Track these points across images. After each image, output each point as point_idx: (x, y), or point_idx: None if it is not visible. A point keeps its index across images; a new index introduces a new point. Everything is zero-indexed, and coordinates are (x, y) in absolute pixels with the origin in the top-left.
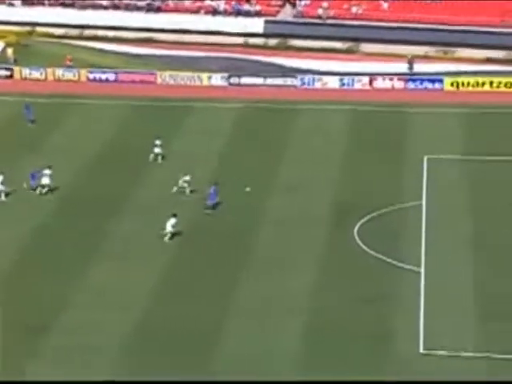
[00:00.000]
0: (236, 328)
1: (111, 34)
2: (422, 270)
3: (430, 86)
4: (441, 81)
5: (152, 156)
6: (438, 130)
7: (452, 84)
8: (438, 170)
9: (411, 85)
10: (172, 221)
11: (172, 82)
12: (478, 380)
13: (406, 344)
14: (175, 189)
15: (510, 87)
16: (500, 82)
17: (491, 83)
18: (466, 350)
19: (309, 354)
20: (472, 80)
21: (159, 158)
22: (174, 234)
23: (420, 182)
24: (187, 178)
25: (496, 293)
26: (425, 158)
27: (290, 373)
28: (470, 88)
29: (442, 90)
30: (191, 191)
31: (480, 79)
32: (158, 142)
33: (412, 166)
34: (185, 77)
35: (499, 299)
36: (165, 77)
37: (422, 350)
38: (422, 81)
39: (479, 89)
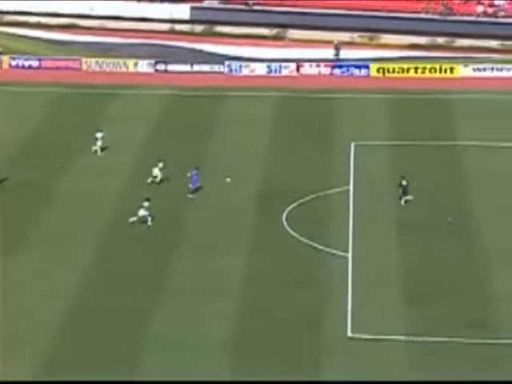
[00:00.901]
0: (167, 311)
1: (34, 19)
2: (350, 255)
3: (356, 72)
4: (367, 67)
5: (94, 149)
6: (365, 116)
7: (378, 70)
8: (365, 155)
9: (338, 71)
10: (145, 204)
11: (97, 68)
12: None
13: (334, 328)
14: (150, 179)
15: (434, 73)
16: (425, 68)
17: (416, 69)
18: (393, 334)
19: (238, 338)
20: (397, 66)
21: (99, 151)
22: (152, 217)
23: (347, 168)
24: (160, 165)
25: (422, 276)
26: (352, 144)
27: (219, 356)
28: (396, 74)
29: (368, 76)
30: (161, 180)
31: (405, 65)
32: (99, 135)
33: (339, 152)
34: (110, 63)
35: (425, 283)
36: (90, 63)
37: (349, 334)
38: (348, 67)
39: (404, 75)
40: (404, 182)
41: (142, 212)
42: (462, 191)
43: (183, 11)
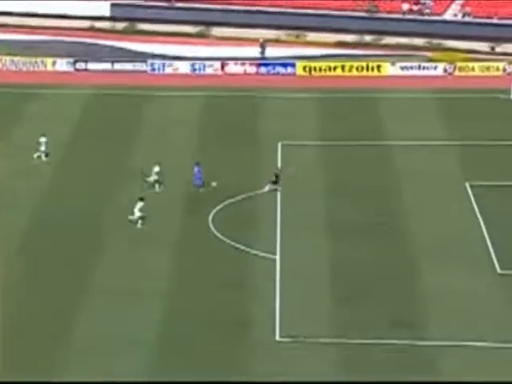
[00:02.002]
0: (90, 312)
1: None
2: (278, 257)
3: (282, 70)
4: (293, 65)
5: (37, 155)
6: (292, 116)
7: (304, 68)
8: (293, 155)
9: (263, 69)
10: (139, 204)
11: (13, 67)
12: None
13: (262, 331)
14: (147, 182)
15: (361, 71)
16: (351, 66)
17: (343, 67)
18: (321, 336)
19: (166, 338)
20: (324, 64)
21: (42, 156)
22: (143, 218)
23: (275, 168)
24: (156, 169)
25: (350, 277)
26: (279, 144)
27: (144, 358)
28: (322, 72)
29: (294, 74)
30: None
31: (332, 63)
32: (42, 140)
33: (266, 153)
34: (27, 62)
35: (354, 283)
36: (5, 62)
37: (278, 337)
38: (274, 65)
39: (331, 73)
40: (277, 172)
41: (136, 213)
42: (390, 190)
43: (103, 8)
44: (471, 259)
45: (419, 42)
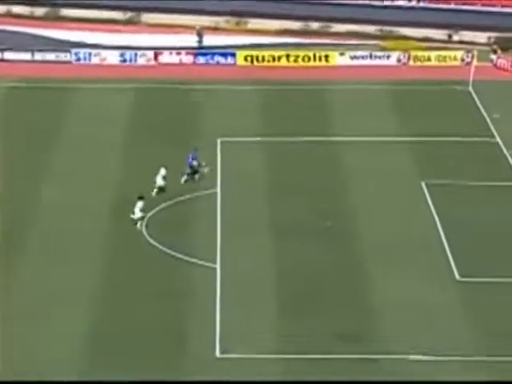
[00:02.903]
0: (12, 323)
1: None
2: (218, 264)
3: (221, 60)
4: (233, 55)
5: None
6: (232, 110)
7: (246, 58)
8: (233, 153)
9: (201, 59)
10: (140, 204)
11: None
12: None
13: (201, 346)
14: (155, 191)
15: (308, 61)
16: (297, 56)
17: (288, 57)
18: (265, 352)
19: (93, 355)
20: (267, 54)
21: None
22: (142, 218)
23: (214, 168)
24: (163, 172)
25: (297, 286)
26: (218, 141)
27: (73, 371)
28: (266, 62)
29: (234, 64)
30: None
31: (276, 53)
32: None
33: (205, 151)
34: None
35: (300, 293)
36: None
37: (217, 353)
38: (212, 55)
39: (275, 63)
40: (195, 163)
41: (137, 213)
42: (339, 190)
43: None
44: (428, 265)
45: (370, 29)
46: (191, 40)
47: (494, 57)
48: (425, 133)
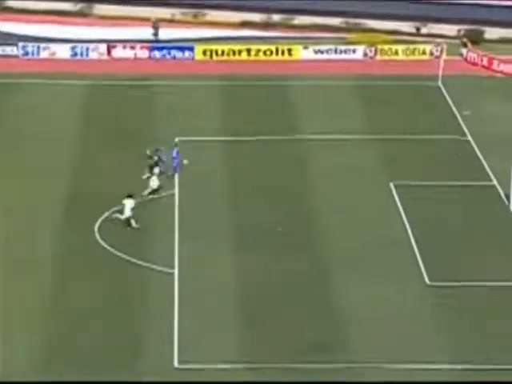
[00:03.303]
0: None
1: None
2: (176, 270)
3: (178, 54)
4: (191, 49)
5: None
6: (190, 107)
7: (204, 52)
8: (192, 153)
9: (157, 54)
10: (129, 202)
11: None
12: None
13: (159, 356)
14: (147, 191)
15: (270, 55)
16: (259, 50)
17: (248, 51)
18: (226, 362)
19: (43, 369)
20: (227, 48)
21: None
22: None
23: (171, 169)
24: (157, 170)
25: (260, 293)
26: (176, 141)
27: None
28: (225, 57)
29: (192, 59)
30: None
31: (236, 47)
32: None
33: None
34: None
35: (265, 298)
36: None
37: (176, 363)
38: (169, 49)
39: (235, 57)
40: (155, 158)
41: (126, 213)
42: (304, 191)
43: None
44: (397, 269)
45: (335, 21)
46: (146, 33)
47: (463, 50)
48: (393, 131)
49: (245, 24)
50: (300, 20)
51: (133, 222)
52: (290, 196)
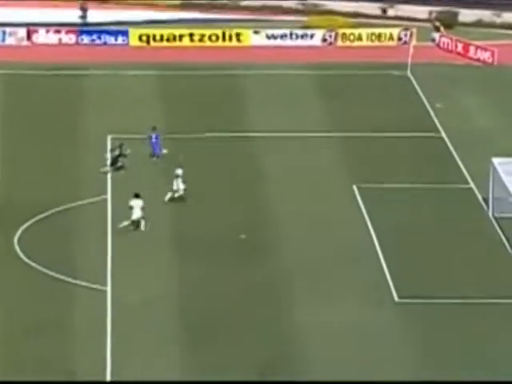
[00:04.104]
0: None
1: None
2: (109, 287)
3: (111, 40)
4: (125, 33)
5: None
6: (125, 100)
7: (140, 37)
8: (127, 152)
9: (85, 39)
10: (138, 203)
11: None
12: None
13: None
14: (169, 194)
15: (216, 41)
16: (203, 35)
17: (191, 36)
18: None
19: None
20: (166, 32)
21: None
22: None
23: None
24: (179, 171)
25: (206, 307)
26: (108, 138)
27: None
28: (165, 42)
29: (127, 45)
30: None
31: (177, 31)
32: None
33: (92, 150)
34: None
35: (210, 316)
36: None
37: None
38: (99, 34)
39: (176, 43)
40: (117, 152)
41: (136, 214)
42: (254, 195)
43: None
44: (361, 284)
45: (291, 3)
46: (73, 15)
47: (436, 35)
48: (356, 127)
49: (187, 5)
50: (250, 1)
51: (142, 224)
52: (240, 201)
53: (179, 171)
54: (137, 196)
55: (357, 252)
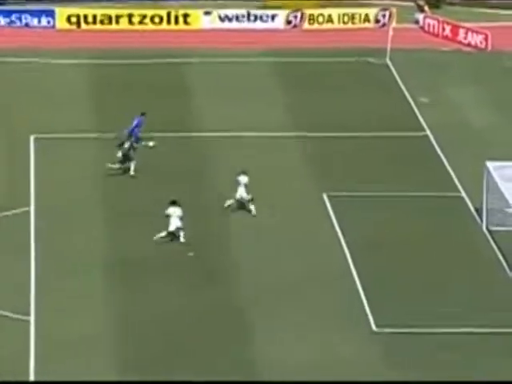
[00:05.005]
0: None
1: None
2: (32, 317)
3: (33, 22)
4: (51, 14)
5: None
6: (51, 93)
7: (69, 19)
8: (54, 155)
9: (2, 20)
10: (176, 211)
11: None
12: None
13: None
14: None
15: (159, 23)
16: (144, 16)
17: (130, 17)
18: None
19: None
20: (99, 13)
21: None
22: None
23: (26, 176)
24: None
25: (148, 343)
26: (31, 139)
27: None
28: (98, 25)
29: (53, 27)
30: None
31: (112, 11)
32: None
33: (12, 153)
34: None
35: (152, 353)
36: None
37: None
38: (20, 14)
39: (111, 26)
40: (126, 145)
41: (174, 223)
42: (207, 207)
43: None
44: (334, 310)
45: None
46: None
47: (420, 16)
48: (326, 125)
49: None
50: None
51: (181, 235)
52: (188, 214)
53: (243, 178)
54: (173, 203)
55: (328, 273)
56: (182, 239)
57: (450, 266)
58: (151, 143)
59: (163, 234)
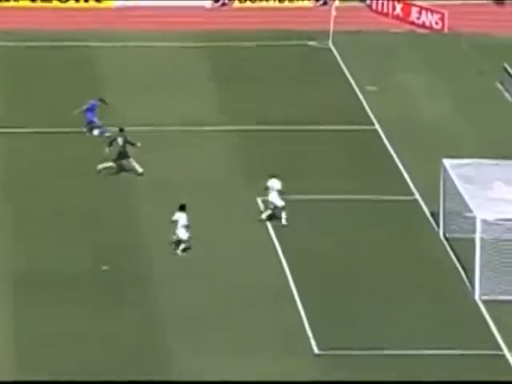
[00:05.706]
0: None
1: None
2: None
3: None
4: None
5: None
6: None
7: None
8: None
9: None
10: (182, 218)
11: None
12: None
13: None
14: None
15: (65, 2)
16: None
17: None
18: None
19: None
20: None
21: None
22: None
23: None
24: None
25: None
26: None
27: None
28: (10, 2)
29: None
30: None
31: None
32: None
33: None
34: None
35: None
36: None
37: None
38: None
39: (12, 4)
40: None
41: (182, 233)
42: (119, 212)
43: None
44: (272, 333)
45: None
46: None
47: None
48: (260, 117)
49: None
50: None
51: (180, 248)
52: (101, 223)
53: (275, 183)
54: (182, 208)
55: (264, 291)
56: (179, 252)
57: (402, 279)
58: (138, 144)
59: (180, 236)
